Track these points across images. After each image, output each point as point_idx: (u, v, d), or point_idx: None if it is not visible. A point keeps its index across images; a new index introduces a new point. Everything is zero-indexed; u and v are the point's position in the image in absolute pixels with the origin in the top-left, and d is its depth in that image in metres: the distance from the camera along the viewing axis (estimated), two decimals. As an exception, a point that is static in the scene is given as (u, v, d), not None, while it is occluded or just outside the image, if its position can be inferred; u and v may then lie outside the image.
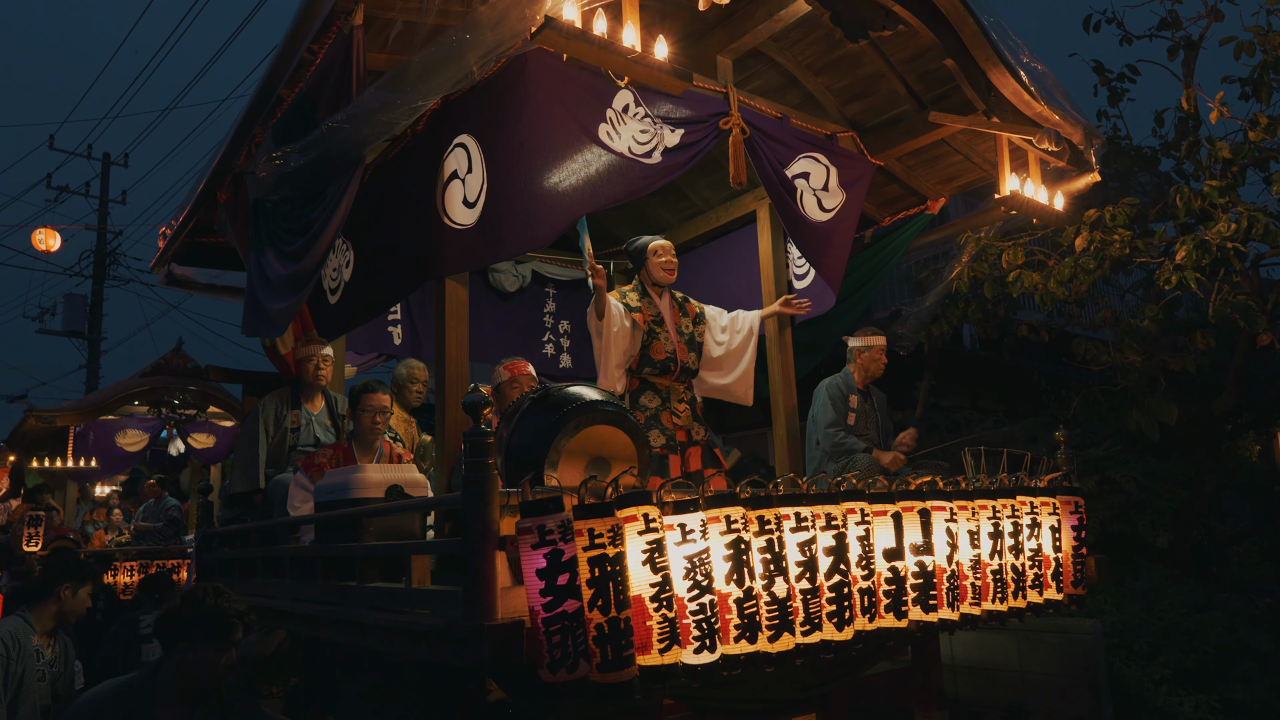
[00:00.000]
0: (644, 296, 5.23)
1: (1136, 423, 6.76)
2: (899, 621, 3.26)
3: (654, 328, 5.15)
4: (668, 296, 5.32)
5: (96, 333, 19.89)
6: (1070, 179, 5.65)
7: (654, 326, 5.16)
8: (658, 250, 5.27)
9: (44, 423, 12.12)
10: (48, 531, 10.49)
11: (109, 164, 20.73)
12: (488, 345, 6.91)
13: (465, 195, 4.15)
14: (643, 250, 5.28)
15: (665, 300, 5.29)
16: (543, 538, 2.54)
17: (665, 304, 5.28)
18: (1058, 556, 4.03)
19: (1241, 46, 6.56)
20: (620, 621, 2.54)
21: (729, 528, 2.80)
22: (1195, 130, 7.06)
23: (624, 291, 5.23)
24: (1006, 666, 6.10)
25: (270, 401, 5.55)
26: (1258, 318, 6.15)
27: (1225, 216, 5.89)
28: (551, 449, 3.31)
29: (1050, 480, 4.21)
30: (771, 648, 2.84)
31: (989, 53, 4.85)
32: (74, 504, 13.09)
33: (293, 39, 4.14)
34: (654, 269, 5.26)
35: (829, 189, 5.36)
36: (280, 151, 4.08)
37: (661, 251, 5.27)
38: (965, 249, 6.66)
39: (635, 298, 5.20)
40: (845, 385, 5.65)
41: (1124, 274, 7.06)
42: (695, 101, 4.66)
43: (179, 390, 12.05)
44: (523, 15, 3.24)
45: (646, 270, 5.28)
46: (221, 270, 6.38)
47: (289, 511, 4.71)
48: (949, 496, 3.56)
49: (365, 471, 3.86)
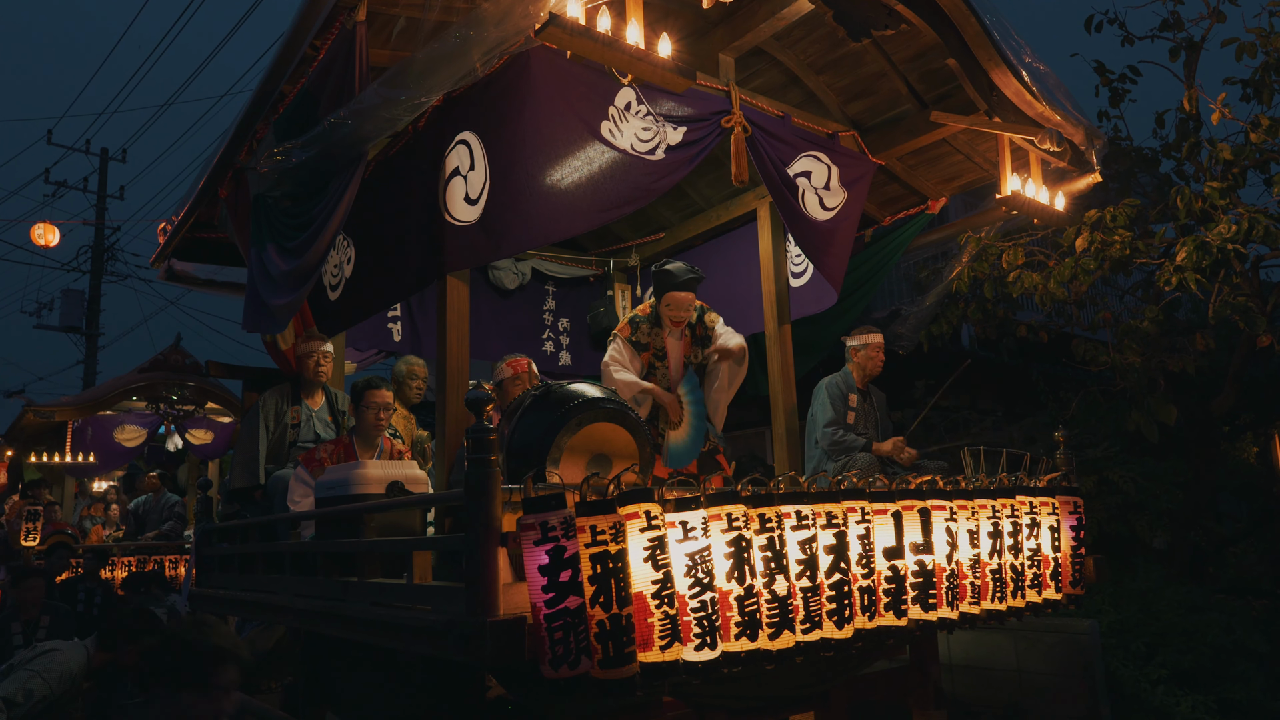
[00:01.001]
0: (655, 327, 5.22)
1: (1135, 423, 6.76)
2: (899, 620, 3.27)
3: (655, 363, 5.18)
4: (679, 330, 5.28)
5: (94, 328, 19.88)
6: (1071, 179, 5.66)
7: (655, 362, 5.18)
8: (670, 303, 5.13)
9: (42, 418, 12.14)
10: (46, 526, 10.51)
11: (107, 159, 20.72)
12: (487, 342, 6.92)
13: (467, 192, 4.15)
14: (660, 291, 5.18)
15: (677, 333, 5.26)
16: (545, 534, 2.55)
17: (675, 338, 5.25)
18: (1056, 556, 4.04)
19: (1243, 48, 6.56)
20: (622, 618, 2.55)
21: (730, 525, 2.81)
22: (1196, 131, 7.06)
23: (637, 322, 5.23)
24: (1004, 666, 6.11)
25: (270, 397, 5.55)
26: (1257, 319, 6.15)
27: (1226, 218, 5.89)
28: (553, 446, 3.31)
29: (1049, 480, 4.21)
30: (772, 645, 2.85)
31: (991, 52, 4.85)
32: (71, 499, 13.09)
33: (295, 35, 4.14)
34: (663, 316, 5.22)
35: (830, 188, 5.37)
36: (282, 147, 4.08)
37: (674, 305, 5.13)
38: (965, 249, 6.66)
39: (646, 330, 5.20)
40: (845, 384, 5.65)
41: (1124, 275, 7.05)
42: (697, 99, 4.66)
43: (177, 386, 12.08)
44: (526, 12, 3.24)
45: (660, 308, 5.22)
46: (221, 266, 6.38)
47: (289, 507, 4.72)
48: (949, 496, 3.57)
49: (367, 468, 3.87)
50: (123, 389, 12.05)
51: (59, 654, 4.21)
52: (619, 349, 5.16)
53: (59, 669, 4.14)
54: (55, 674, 4.12)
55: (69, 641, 4.43)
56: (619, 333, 5.23)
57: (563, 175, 4.11)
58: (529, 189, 4.01)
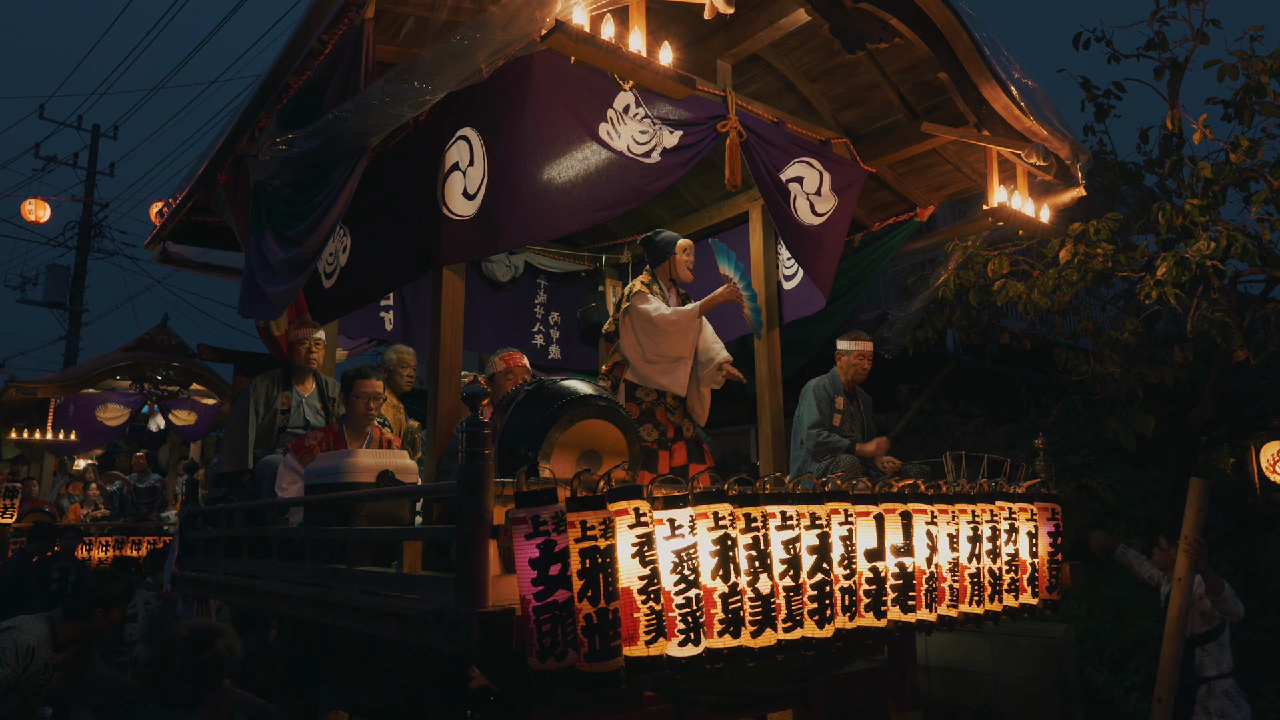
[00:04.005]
0: (662, 294, 5.30)
1: (1114, 432, 6.87)
2: (878, 621, 3.34)
3: None
4: (675, 294, 5.38)
5: (78, 305, 19.77)
6: (1056, 192, 5.76)
7: None
8: (686, 249, 5.34)
9: (25, 394, 12.07)
10: (23, 503, 10.49)
11: (98, 136, 20.60)
12: (478, 334, 6.96)
13: (465, 187, 4.20)
14: (669, 245, 5.33)
15: (674, 297, 5.36)
16: (536, 528, 2.61)
17: (674, 301, 5.34)
18: (1034, 562, 4.11)
19: (1225, 70, 6.68)
20: (609, 613, 2.61)
21: (716, 524, 2.88)
22: (1178, 149, 7.18)
23: (648, 284, 5.27)
24: (980, 669, 6.20)
25: (261, 382, 5.57)
26: (1234, 334, 6.26)
27: (1206, 234, 6.01)
28: (545, 441, 3.37)
29: (1029, 486, 4.28)
30: (754, 643, 2.92)
31: (981, 67, 4.93)
32: (50, 477, 13.04)
33: (304, 28, 4.17)
34: (679, 266, 5.33)
35: (822, 194, 5.44)
36: (285, 137, 4.12)
37: (689, 251, 5.35)
38: (952, 256, 6.75)
39: (658, 291, 5.26)
40: (832, 386, 5.71)
41: (1106, 286, 7.17)
42: (694, 104, 4.72)
43: (163, 366, 12.06)
44: (533, 17, 3.29)
45: (670, 265, 5.33)
46: (216, 249, 6.40)
47: (277, 493, 4.74)
48: (930, 500, 3.64)
49: (357, 456, 3.89)
50: (108, 367, 12.01)
51: (13, 631, 4.22)
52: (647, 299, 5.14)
53: (13, 647, 4.13)
54: (12, 653, 4.11)
55: (25, 617, 4.42)
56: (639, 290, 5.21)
57: (560, 174, 4.17)
58: (527, 186, 4.07)
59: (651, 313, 5.06)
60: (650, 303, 5.11)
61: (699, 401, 5.33)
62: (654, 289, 5.24)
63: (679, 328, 5.03)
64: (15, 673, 4.11)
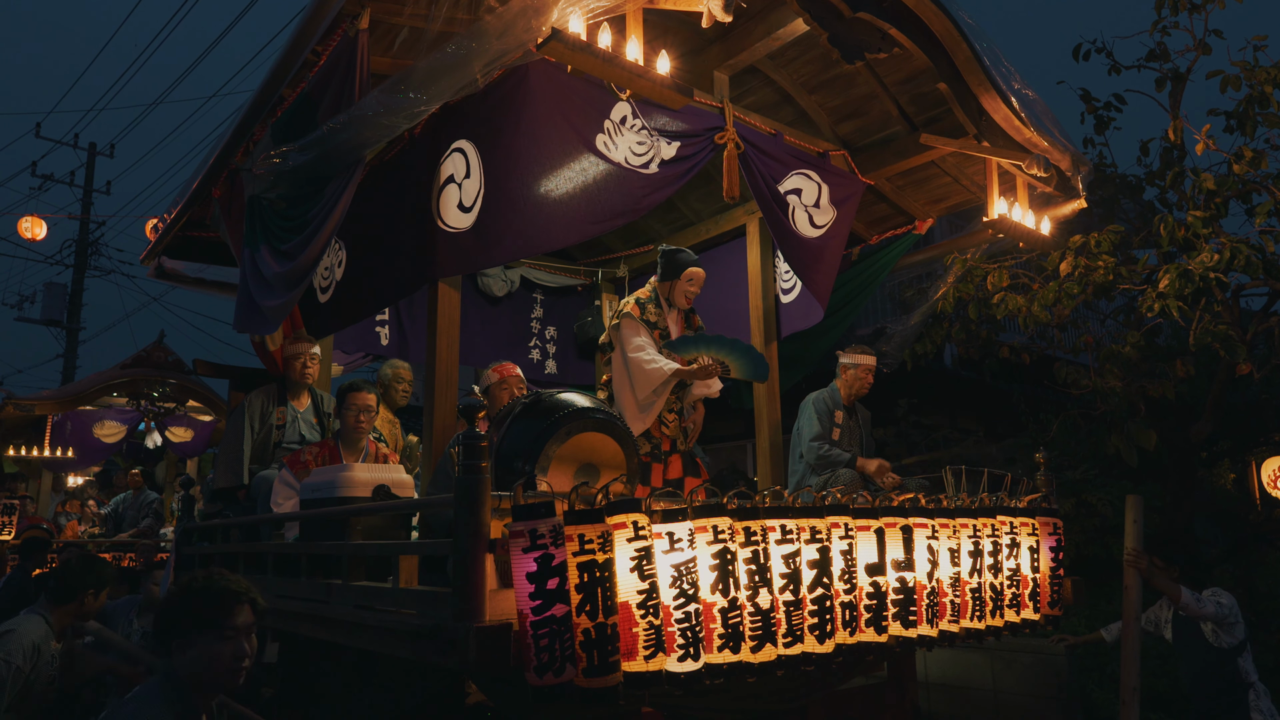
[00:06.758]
0: (659, 309, 5.29)
1: (1114, 447, 6.83)
2: (879, 636, 3.30)
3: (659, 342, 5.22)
4: (674, 313, 5.37)
5: (75, 322, 19.76)
6: (1057, 204, 5.74)
7: (660, 341, 5.22)
8: (693, 279, 5.33)
9: (22, 411, 12.02)
10: (21, 520, 10.44)
11: (95, 154, 20.62)
12: (474, 348, 6.94)
13: (461, 199, 4.18)
14: (681, 268, 5.31)
15: (672, 315, 5.36)
16: (534, 542, 2.57)
17: (674, 318, 5.35)
18: (1035, 577, 4.08)
19: (1228, 81, 6.66)
20: (607, 627, 2.57)
21: (716, 538, 2.84)
22: (1180, 161, 7.16)
23: (643, 302, 5.26)
24: (980, 685, 6.16)
25: (256, 397, 5.54)
26: (1237, 347, 6.23)
27: (1208, 247, 5.97)
28: (542, 454, 3.33)
29: (1029, 501, 4.25)
30: (754, 658, 2.88)
31: (981, 78, 4.92)
32: (48, 494, 13.00)
33: (298, 39, 4.16)
34: (679, 293, 5.32)
35: (820, 206, 5.42)
36: (279, 150, 4.10)
37: (695, 282, 5.34)
38: (951, 269, 6.72)
39: (653, 310, 5.26)
40: (831, 400, 5.68)
41: (1106, 300, 7.13)
42: (692, 115, 4.71)
43: (159, 383, 12.02)
44: (529, 25, 3.28)
45: (673, 287, 5.32)
46: (211, 265, 6.38)
47: (272, 508, 4.71)
48: (931, 514, 3.61)
49: (353, 470, 3.87)
50: (105, 384, 11.96)
51: (14, 634, 4.21)
52: (635, 330, 5.16)
53: (18, 647, 4.14)
54: (18, 653, 4.12)
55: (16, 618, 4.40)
56: (629, 313, 5.21)
57: (557, 186, 4.15)
58: (523, 199, 4.05)
59: (630, 352, 5.09)
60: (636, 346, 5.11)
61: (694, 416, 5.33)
62: (650, 309, 5.23)
63: (649, 379, 5.02)
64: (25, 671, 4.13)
